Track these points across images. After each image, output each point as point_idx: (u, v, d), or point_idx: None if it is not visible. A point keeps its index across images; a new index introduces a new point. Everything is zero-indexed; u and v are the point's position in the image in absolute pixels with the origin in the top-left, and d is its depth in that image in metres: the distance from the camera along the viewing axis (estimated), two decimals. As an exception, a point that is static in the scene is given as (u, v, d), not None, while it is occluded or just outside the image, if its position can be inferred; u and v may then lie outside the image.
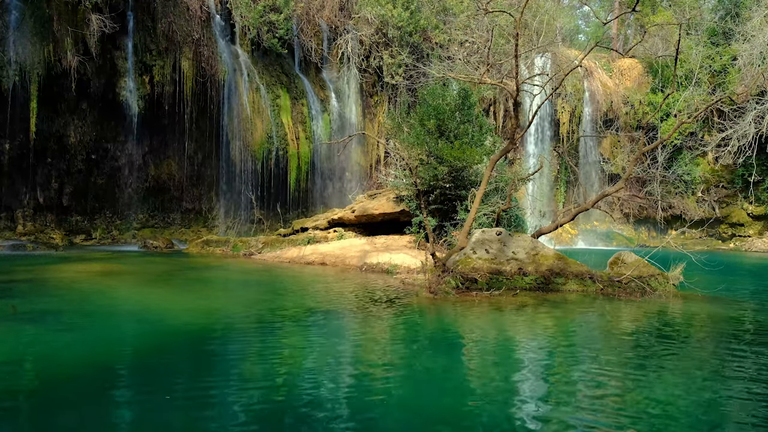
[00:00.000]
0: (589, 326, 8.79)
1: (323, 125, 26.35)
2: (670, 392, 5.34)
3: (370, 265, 15.22)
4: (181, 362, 6.36)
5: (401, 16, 26.62)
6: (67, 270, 13.85)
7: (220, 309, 9.52)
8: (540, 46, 25.70)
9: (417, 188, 12.98)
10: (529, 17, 26.77)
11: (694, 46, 28.38)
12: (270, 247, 19.45)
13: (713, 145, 27.12)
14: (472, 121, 17.96)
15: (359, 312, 9.28)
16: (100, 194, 23.85)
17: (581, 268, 11.98)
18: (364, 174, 28.07)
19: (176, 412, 4.74)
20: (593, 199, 13.76)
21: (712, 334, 8.23)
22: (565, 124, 30.73)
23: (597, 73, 31.25)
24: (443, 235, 16.29)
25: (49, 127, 21.83)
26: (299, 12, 26.06)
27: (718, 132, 27.06)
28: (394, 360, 6.45)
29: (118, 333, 7.65)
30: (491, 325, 8.59)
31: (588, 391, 5.38)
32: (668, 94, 13.89)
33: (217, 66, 23.75)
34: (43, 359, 6.21)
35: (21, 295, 9.96)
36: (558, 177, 31.52)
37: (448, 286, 10.89)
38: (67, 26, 20.49)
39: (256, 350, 6.70)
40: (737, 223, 29.83)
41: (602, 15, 38.17)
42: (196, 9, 23.43)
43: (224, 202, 25.17)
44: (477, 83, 16.43)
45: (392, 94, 28.20)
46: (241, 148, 24.30)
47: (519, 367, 6.41)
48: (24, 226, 22.09)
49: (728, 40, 28.96)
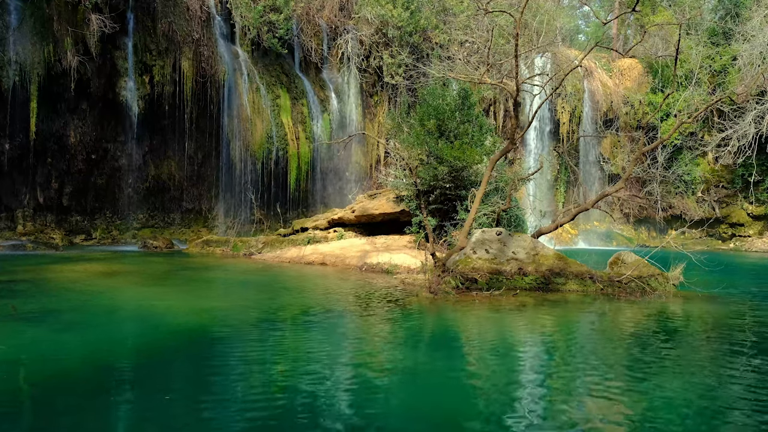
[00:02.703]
0: (589, 326, 8.79)
1: (323, 125, 26.35)
2: (670, 393, 5.35)
3: (370, 265, 15.22)
4: (181, 362, 6.36)
5: (401, 16, 26.63)
6: (67, 270, 13.85)
7: (220, 309, 9.51)
8: (540, 46, 25.68)
9: (417, 188, 12.99)
10: (529, 17, 26.77)
11: (694, 46, 28.37)
12: (270, 247, 19.45)
13: (713, 145, 27.13)
14: (472, 121, 17.96)
15: (359, 312, 9.28)
16: (100, 194, 23.84)
17: (581, 268, 11.98)
18: (364, 174, 28.06)
19: (176, 412, 4.74)
20: (593, 199, 13.76)
21: (712, 334, 8.22)
22: (565, 124, 30.72)
23: (597, 73, 31.24)
24: (443, 235, 16.29)
25: (49, 127, 21.83)
26: (299, 12, 26.06)
27: (718, 132, 27.07)
28: (394, 360, 6.45)
29: (118, 333, 7.65)
30: (491, 325, 8.59)
31: (588, 392, 5.39)
32: (668, 94, 13.87)
33: (217, 66, 23.75)
34: (43, 359, 6.21)
35: (21, 295, 9.96)
36: (558, 177, 31.51)
37: (448, 286, 10.89)
38: (67, 26, 20.49)
39: (256, 350, 6.70)
40: (737, 223, 29.82)
41: (602, 15, 38.18)
42: (196, 9, 23.44)
43: (224, 202, 25.17)
44: (477, 83, 16.44)
45: (392, 94, 28.19)
46: (241, 148, 24.30)
47: (519, 367, 6.41)
48: (24, 226, 22.08)
49: (728, 40, 28.96)
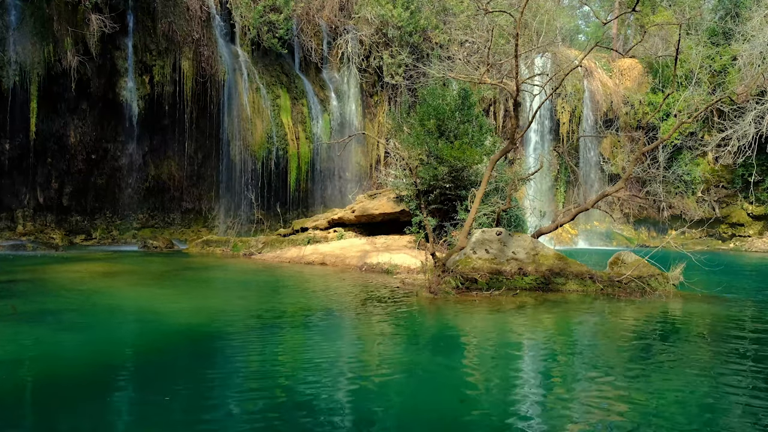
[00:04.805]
0: (589, 326, 8.79)
1: (323, 125, 26.34)
2: (670, 393, 5.34)
3: (370, 265, 15.22)
4: (181, 362, 6.36)
5: (401, 16, 26.62)
6: (67, 270, 13.85)
7: (220, 309, 9.51)
8: (540, 46, 25.68)
9: (417, 188, 12.99)
10: (529, 17, 26.76)
11: (694, 46, 28.37)
12: (270, 247, 19.45)
13: (713, 145, 27.11)
14: (472, 121, 17.96)
15: (359, 312, 9.28)
16: (100, 194, 23.84)
17: (581, 268, 11.98)
18: (364, 174, 28.05)
19: (176, 412, 4.74)
20: (593, 199, 13.75)
21: (712, 334, 8.22)
22: (565, 124, 30.71)
23: (597, 73, 31.24)
24: (443, 235, 16.28)
25: (49, 127, 21.82)
26: (299, 12, 26.05)
27: (718, 132, 27.05)
28: (394, 360, 6.45)
29: (118, 333, 7.65)
30: (491, 325, 8.59)
31: (588, 392, 5.39)
32: (668, 94, 13.87)
33: (217, 66, 23.75)
34: (43, 359, 6.21)
35: (21, 295, 9.96)
36: (558, 177, 31.50)
37: (448, 286, 10.89)
38: (67, 26, 20.48)
39: (256, 350, 6.70)
40: (737, 223, 29.81)
41: (602, 15, 38.17)
42: (196, 9, 23.43)
43: (224, 202, 25.16)
44: (477, 83, 16.42)
45: (392, 94, 28.19)
46: (241, 148, 24.29)
47: (519, 367, 6.41)
48: (24, 226, 22.08)
49: (728, 40, 28.94)
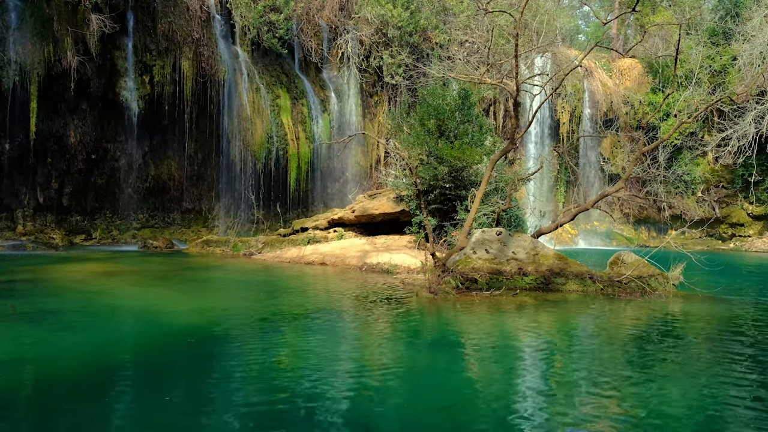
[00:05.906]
0: (590, 326, 8.79)
1: (323, 125, 26.34)
2: (670, 393, 5.34)
3: (370, 265, 15.22)
4: (181, 362, 6.36)
5: (401, 16, 26.62)
6: (67, 270, 13.85)
7: (220, 309, 9.52)
8: (540, 46, 25.66)
9: (417, 188, 12.98)
10: (529, 17, 26.76)
11: (694, 46, 28.37)
12: (270, 247, 19.45)
13: (713, 145, 27.11)
14: (472, 121, 17.96)
15: (359, 312, 9.28)
16: (100, 194, 23.84)
17: (581, 268, 11.98)
18: (364, 174, 28.05)
19: (176, 412, 4.74)
20: (593, 199, 13.75)
21: (712, 334, 8.22)
22: (565, 124, 30.71)
23: (597, 73, 31.23)
24: (443, 235, 16.28)
25: (49, 127, 21.82)
26: (299, 12, 26.05)
27: (718, 132, 27.05)
28: (393, 360, 6.45)
29: (118, 333, 7.65)
30: (491, 325, 8.59)
31: (588, 392, 5.38)
32: (668, 94, 13.88)
33: (217, 66, 23.74)
34: (43, 359, 6.21)
35: (21, 295, 9.96)
36: (558, 177, 31.49)
37: (448, 286, 10.89)
38: (67, 26, 20.48)
39: (256, 350, 6.70)
40: (737, 223, 29.80)
41: (602, 15, 38.16)
42: (196, 9, 23.43)
43: (224, 202, 25.16)
44: (477, 83, 16.43)
45: (392, 94, 28.18)
46: (241, 148, 24.29)
47: (519, 367, 6.41)
48: (24, 226, 22.08)
49: (728, 40, 28.93)
